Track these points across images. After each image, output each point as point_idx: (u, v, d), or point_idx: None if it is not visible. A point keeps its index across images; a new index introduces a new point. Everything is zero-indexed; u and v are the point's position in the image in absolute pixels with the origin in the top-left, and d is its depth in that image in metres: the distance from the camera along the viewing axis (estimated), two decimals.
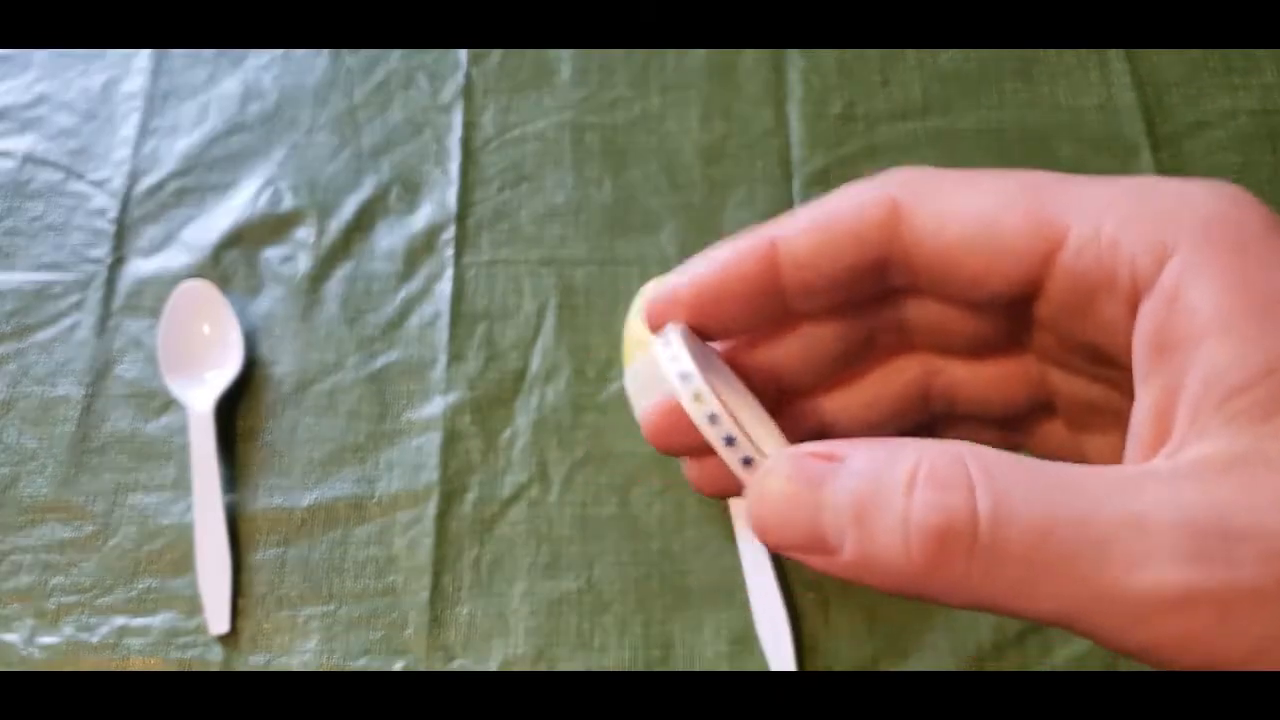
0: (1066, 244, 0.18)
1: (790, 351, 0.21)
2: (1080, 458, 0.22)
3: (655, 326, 0.20)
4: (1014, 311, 0.20)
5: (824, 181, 0.53)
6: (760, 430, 0.20)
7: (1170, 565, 0.15)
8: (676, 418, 0.19)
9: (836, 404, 0.22)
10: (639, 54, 0.57)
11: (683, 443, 0.20)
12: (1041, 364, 0.21)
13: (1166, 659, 0.17)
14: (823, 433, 0.22)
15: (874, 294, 0.20)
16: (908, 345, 0.22)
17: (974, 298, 0.20)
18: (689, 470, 0.21)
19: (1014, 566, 0.16)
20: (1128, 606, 0.16)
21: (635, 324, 0.47)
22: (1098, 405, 0.21)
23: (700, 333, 0.20)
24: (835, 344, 0.21)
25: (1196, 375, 0.17)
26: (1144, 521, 0.16)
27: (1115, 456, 0.19)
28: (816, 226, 0.19)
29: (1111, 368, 0.19)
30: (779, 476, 0.17)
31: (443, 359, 0.50)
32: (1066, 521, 0.16)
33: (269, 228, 0.53)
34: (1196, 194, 0.18)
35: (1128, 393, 0.18)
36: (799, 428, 0.22)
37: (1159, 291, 0.17)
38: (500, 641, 0.44)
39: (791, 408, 0.22)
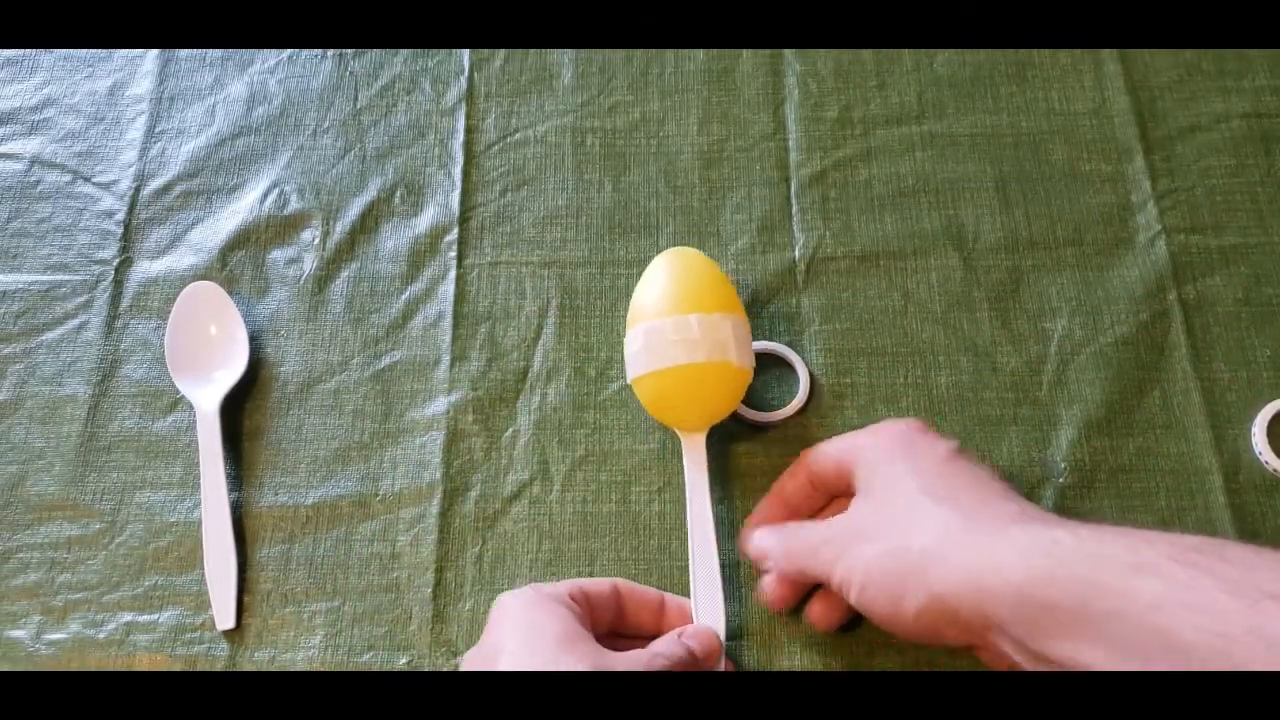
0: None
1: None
2: None
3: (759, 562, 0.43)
4: None
5: (821, 184, 0.54)
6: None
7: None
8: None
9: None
10: (638, 59, 0.58)
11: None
12: None
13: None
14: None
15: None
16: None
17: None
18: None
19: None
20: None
21: (641, 292, 0.47)
22: None
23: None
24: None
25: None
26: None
27: None
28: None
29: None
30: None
31: (446, 359, 0.51)
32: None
33: (275, 230, 0.54)
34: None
35: None
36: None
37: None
38: None
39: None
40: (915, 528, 0.36)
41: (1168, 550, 0.30)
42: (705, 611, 0.43)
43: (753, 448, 0.48)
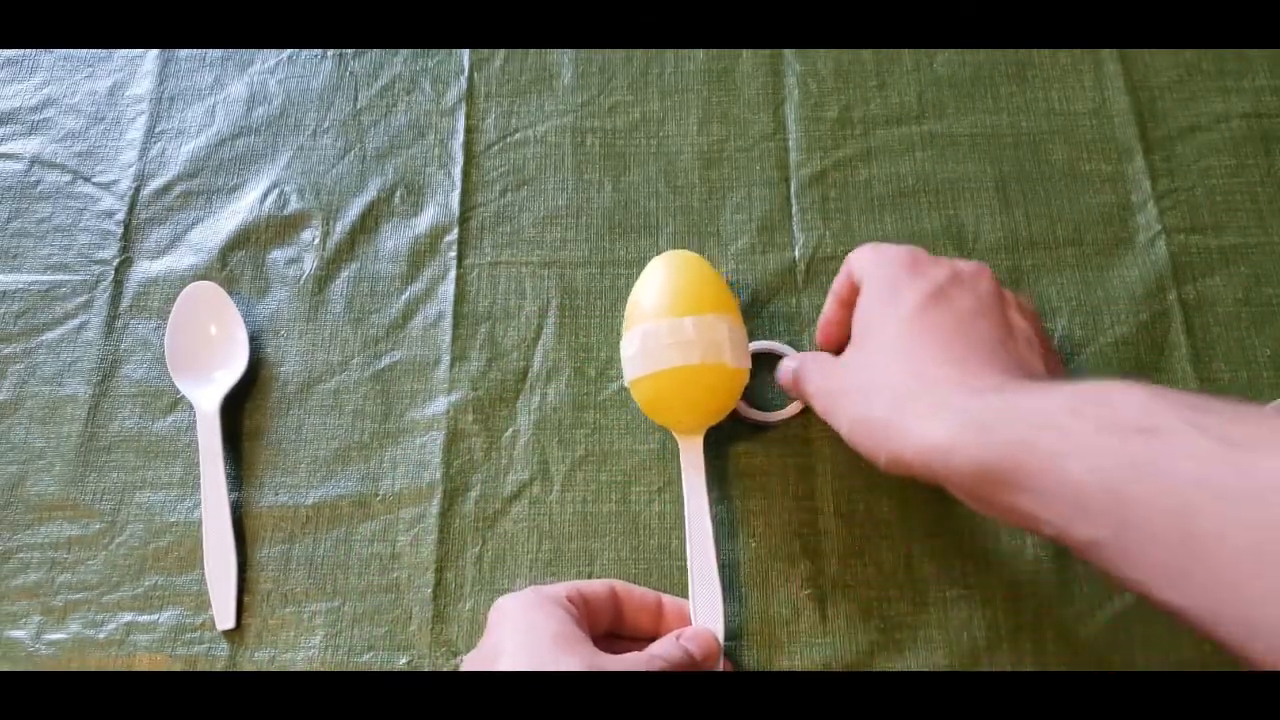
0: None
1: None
2: None
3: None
4: None
5: (821, 184, 0.54)
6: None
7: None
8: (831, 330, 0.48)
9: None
10: (639, 58, 0.58)
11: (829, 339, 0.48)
12: None
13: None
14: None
15: None
16: None
17: None
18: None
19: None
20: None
21: (637, 295, 0.47)
22: None
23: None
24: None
25: None
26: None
27: None
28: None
29: None
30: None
31: (446, 359, 0.51)
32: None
33: (275, 230, 0.54)
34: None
35: None
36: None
37: None
38: None
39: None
40: (879, 393, 0.40)
41: (1063, 403, 0.34)
42: (704, 613, 0.43)
43: (752, 448, 0.48)
